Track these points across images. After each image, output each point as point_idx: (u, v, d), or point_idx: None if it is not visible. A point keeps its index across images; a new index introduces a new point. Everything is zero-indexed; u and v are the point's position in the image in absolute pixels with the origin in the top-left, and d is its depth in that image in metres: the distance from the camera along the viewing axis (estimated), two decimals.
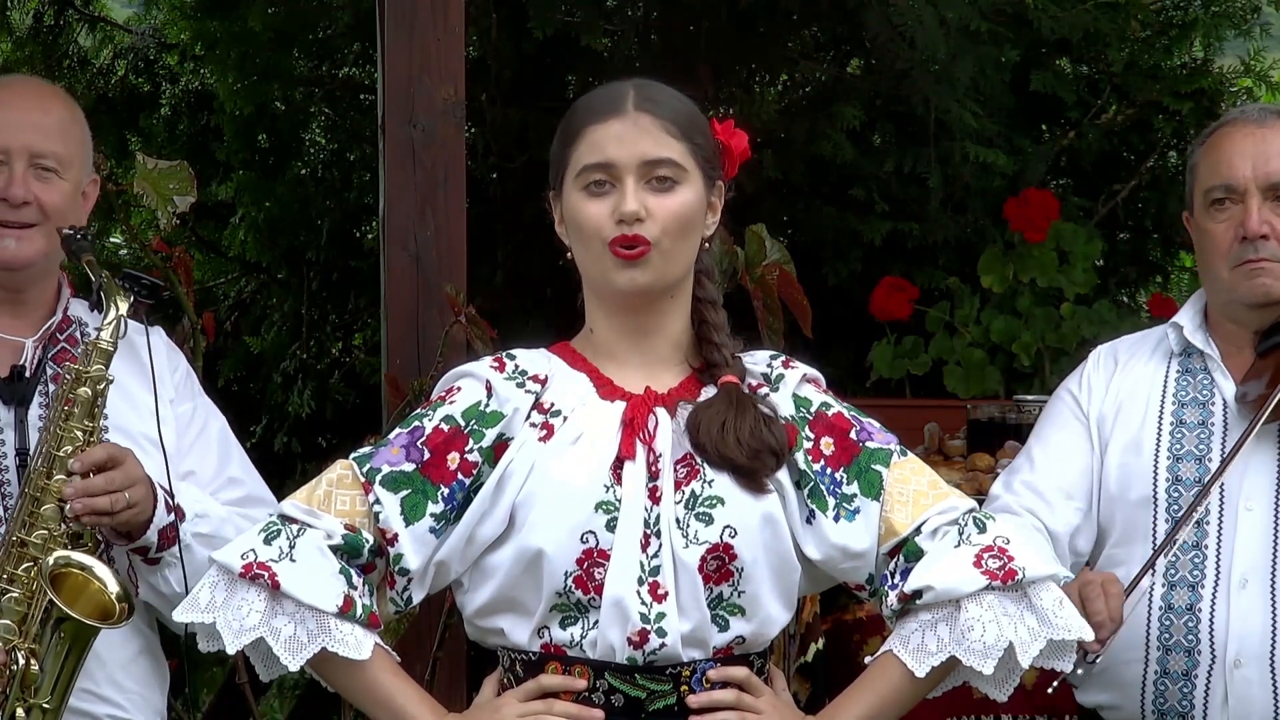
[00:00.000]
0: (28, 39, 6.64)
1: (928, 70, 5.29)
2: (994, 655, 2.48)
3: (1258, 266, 3.08)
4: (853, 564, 2.57)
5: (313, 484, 2.59)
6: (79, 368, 2.79)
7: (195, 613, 2.52)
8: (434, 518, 2.53)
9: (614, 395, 2.58)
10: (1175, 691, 3.06)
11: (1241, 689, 3.02)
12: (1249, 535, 3.05)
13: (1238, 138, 3.13)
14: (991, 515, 2.60)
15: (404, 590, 2.56)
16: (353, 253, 6.31)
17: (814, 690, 3.70)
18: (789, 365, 2.64)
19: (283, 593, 2.49)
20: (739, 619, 2.52)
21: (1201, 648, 3.04)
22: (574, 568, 2.49)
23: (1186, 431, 3.12)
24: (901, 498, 2.57)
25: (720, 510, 2.51)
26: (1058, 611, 2.52)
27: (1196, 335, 3.17)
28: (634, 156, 2.52)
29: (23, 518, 2.75)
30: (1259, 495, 3.06)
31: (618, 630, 2.48)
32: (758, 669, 2.57)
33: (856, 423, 2.61)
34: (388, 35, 3.61)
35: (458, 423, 2.56)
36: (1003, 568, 2.50)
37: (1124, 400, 3.19)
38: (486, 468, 2.55)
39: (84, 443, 2.77)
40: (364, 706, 2.58)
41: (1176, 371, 3.18)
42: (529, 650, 2.54)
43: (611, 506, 2.50)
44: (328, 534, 2.53)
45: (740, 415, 2.53)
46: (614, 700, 2.50)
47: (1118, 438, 3.17)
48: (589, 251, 2.55)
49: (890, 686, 2.55)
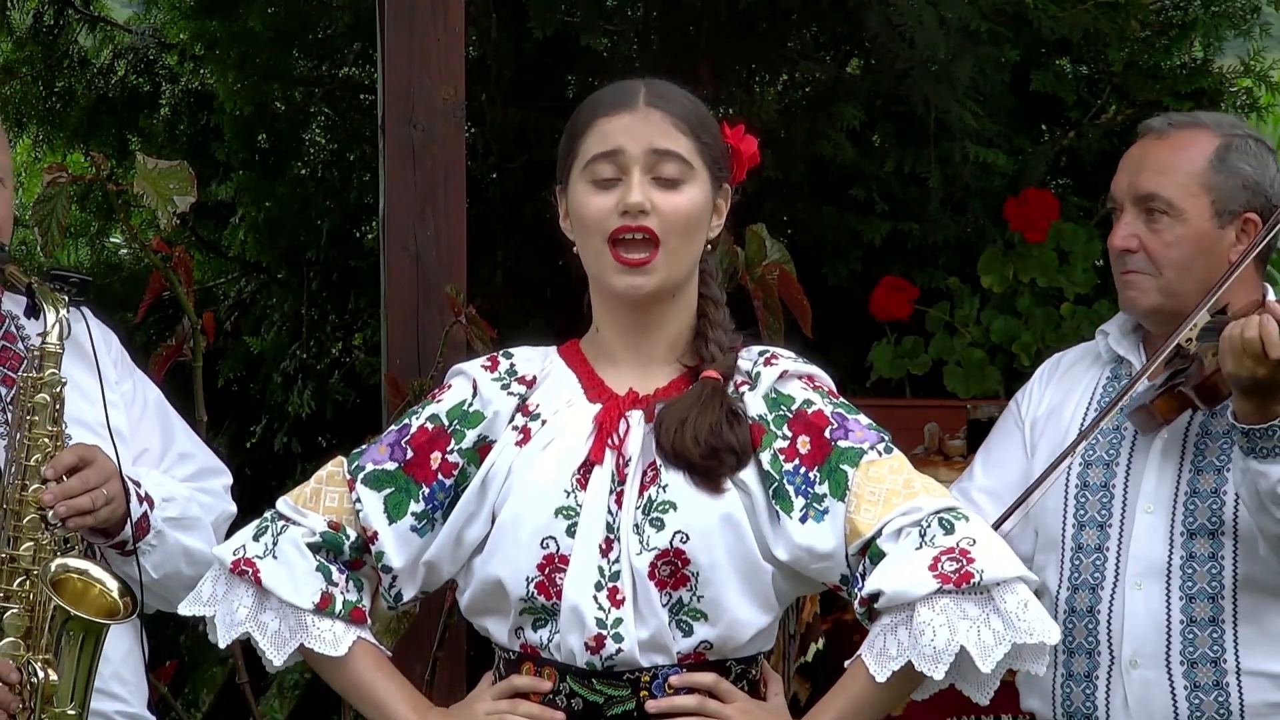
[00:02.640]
0: (28, 39, 6.63)
1: (928, 70, 5.28)
2: (945, 660, 2.43)
3: (1125, 278, 3.12)
4: (822, 565, 2.53)
5: (307, 481, 2.62)
6: (33, 375, 2.79)
7: (198, 606, 2.58)
8: (415, 516, 2.55)
9: (598, 397, 2.57)
10: (1079, 694, 3.08)
11: (1140, 689, 3.02)
12: (1146, 537, 3.05)
13: (1134, 149, 3.17)
14: (964, 515, 2.54)
15: (391, 587, 2.58)
16: (353, 253, 6.30)
17: (814, 690, 3.69)
18: (770, 362, 2.60)
19: (264, 588, 2.53)
20: (702, 624, 2.50)
21: (1100, 649, 3.05)
22: (535, 573, 2.49)
23: (1100, 438, 3.13)
24: (872, 497, 2.51)
25: (671, 515, 2.49)
26: (1022, 615, 2.45)
27: (1122, 343, 3.19)
28: (642, 146, 2.51)
29: (6, 533, 2.75)
30: (1158, 498, 3.06)
31: (576, 635, 2.49)
32: (738, 674, 2.55)
33: (836, 420, 2.56)
34: (388, 35, 3.62)
35: (442, 422, 2.58)
36: (959, 570, 2.45)
37: (1055, 407, 3.21)
38: (471, 468, 2.56)
39: (51, 448, 2.77)
40: (350, 700, 2.62)
41: (1106, 378, 3.20)
42: (509, 649, 2.56)
43: (572, 512, 2.50)
44: (309, 531, 2.56)
45: (703, 412, 2.51)
46: (574, 704, 2.51)
47: (1043, 445, 3.19)
48: (590, 247, 2.55)
49: (859, 692, 2.51)
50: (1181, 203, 3.07)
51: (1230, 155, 3.09)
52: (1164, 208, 3.08)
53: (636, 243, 2.51)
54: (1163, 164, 3.10)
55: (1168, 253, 3.08)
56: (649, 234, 2.50)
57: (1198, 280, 3.06)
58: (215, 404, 3.39)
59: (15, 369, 2.92)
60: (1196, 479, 3.05)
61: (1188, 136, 3.12)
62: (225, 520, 3.01)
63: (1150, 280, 3.10)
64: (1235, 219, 3.08)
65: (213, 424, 4.28)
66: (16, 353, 2.92)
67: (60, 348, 2.80)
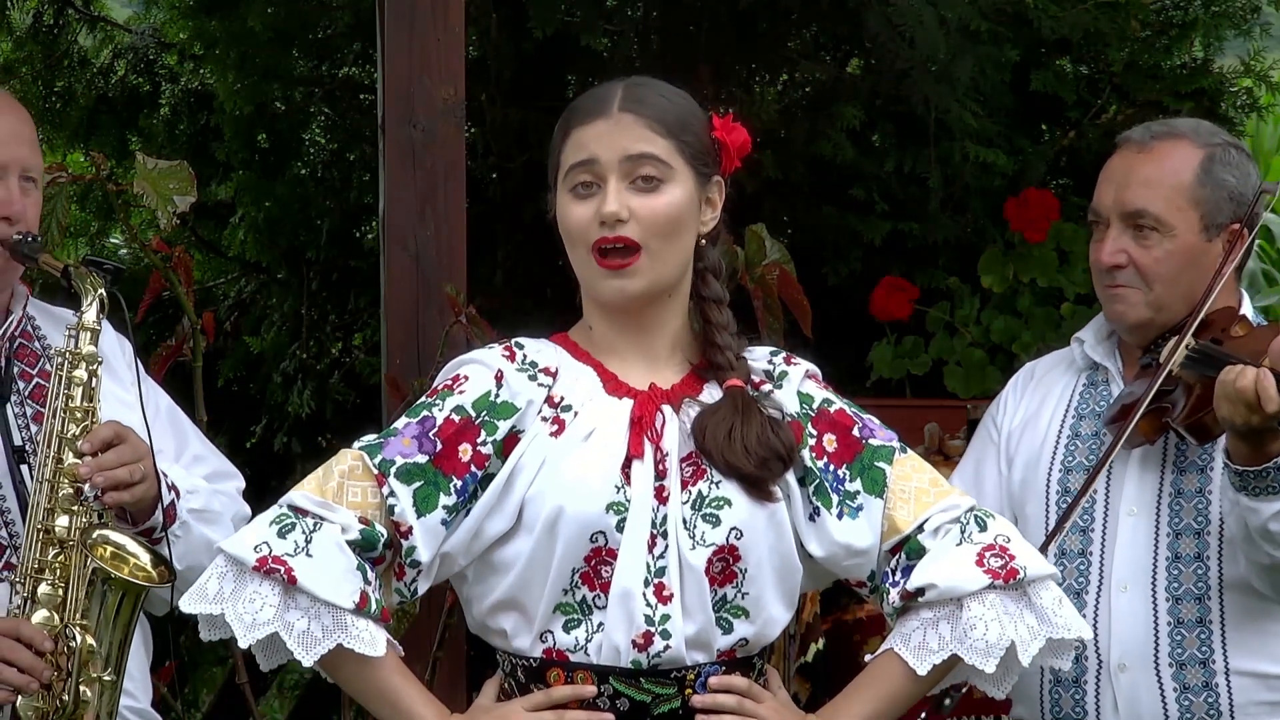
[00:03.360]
0: (27, 38, 6.63)
1: (928, 70, 5.28)
2: (996, 654, 2.48)
3: (1113, 292, 3.10)
4: (855, 561, 2.56)
5: (321, 474, 2.53)
6: (70, 349, 2.83)
7: (204, 603, 2.47)
8: (446, 510, 2.50)
9: (620, 391, 2.56)
10: (1068, 699, 3.08)
11: (1129, 692, 3.03)
12: (1130, 540, 3.06)
13: (1116, 161, 3.14)
14: (991, 514, 2.60)
15: (412, 582, 2.53)
16: (353, 253, 6.30)
17: (814, 690, 3.70)
18: (791, 361, 2.63)
19: (299, 588, 2.45)
20: (743, 621, 2.51)
21: (1088, 653, 3.05)
22: (582, 564, 2.48)
23: (1080, 444, 3.14)
24: (904, 495, 2.56)
25: (728, 511, 2.50)
26: (1057, 610, 2.52)
27: (1097, 350, 3.19)
28: (615, 153, 2.51)
29: (43, 506, 2.77)
30: (1141, 501, 3.06)
31: (623, 632, 2.47)
32: (759, 670, 2.57)
33: (858, 419, 2.61)
34: (388, 35, 3.62)
35: (469, 413, 2.53)
36: (1004, 566, 2.51)
37: (1031, 417, 3.22)
38: (496, 461, 2.52)
39: (88, 423, 2.80)
40: (370, 703, 2.56)
41: (1083, 385, 3.20)
42: (530, 656, 2.52)
43: (622, 507, 2.49)
44: (344, 528, 2.49)
45: (747, 422, 2.51)
46: (619, 705, 2.49)
47: (1021, 454, 3.20)
48: (577, 256, 2.55)
49: (891, 684, 2.55)
50: (1170, 218, 3.06)
51: (1214, 167, 3.08)
52: (1153, 224, 3.07)
53: (618, 250, 2.51)
54: (1148, 178, 3.08)
55: (1157, 268, 3.07)
56: (628, 243, 2.50)
57: (1184, 292, 3.07)
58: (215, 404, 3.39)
59: (33, 365, 2.96)
60: (1180, 479, 3.06)
61: (1169, 148, 3.10)
62: (241, 521, 3.02)
63: (1139, 294, 3.09)
64: (1222, 231, 3.08)
65: (213, 424, 4.27)
66: (34, 350, 2.97)
67: (98, 324, 2.84)
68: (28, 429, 2.90)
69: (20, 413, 2.91)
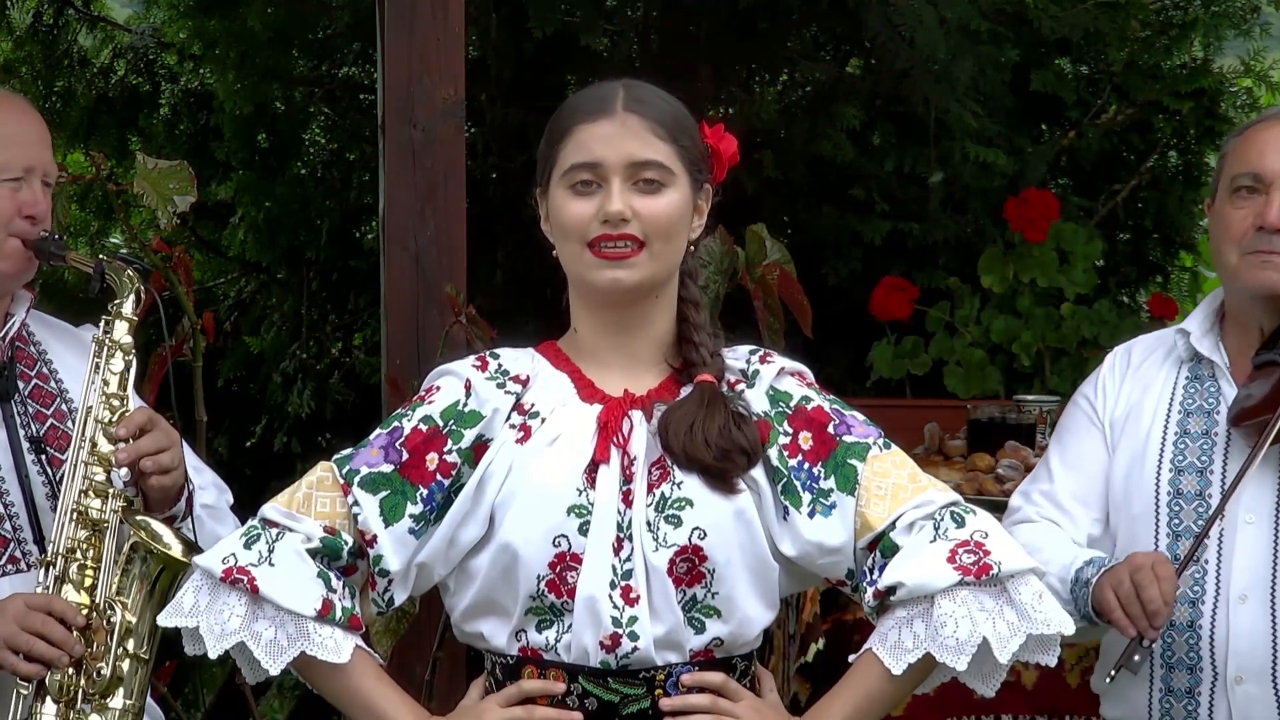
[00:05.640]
0: (27, 38, 6.64)
1: (928, 70, 5.29)
2: (967, 651, 2.45)
3: (1267, 258, 3.03)
4: (830, 560, 2.54)
5: (294, 487, 2.59)
6: (106, 337, 2.87)
7: (180, 617, 2.52)
8: (413, 519, 2.53)
9: (593, 397, 2.57)
10: (1180, 709, 3.02)
11: (1244, 705, 2.97)
12: (1249, 549, 3.00)
13: (1277, 131, 3.09)
14: (972, 509, 2.56)
15: (385, 591, 2.56)
16: (353, 253, 6.31)
17: (814, 690, 3.69)
18: (766, 360, 2.62)
19: (262, 597, 2.49)
20: (715, 620, 2.51)
21: (1203, 664, 2.99)
22: (546, 571, 2.49)
23: (1190, 443, 3.07)
24: (879, 492, 2.54)
25: (689, 512, 2.50)
26: (1037, 606, 2.48)
27: (1203, 342, 3.12)
28: (621, 157, 2.52)
29: (77, 485, 2.79)
30: (1259, 508, 3.00)
31: (590, 634, 2.48)
32: (741, 671, 2.56)
33: (836, 416, 2.59)
34: (388, 35, 3.61)
35: (436, 423, 2.56)
36: (977, 562, 2.47)
37: (1134, 406, 3.14)
38: (466, 469, 2.55)
39: (123, 411, 2.83)
40: (345, 709, 2.58)
41: (1186, 378, 3.13)
42: (507, 654, 2.54)
43: (584, 510, 2.50)
44: (306, 537, 2.53)
45: (710, 415, 2.52)
46: (588, 704, 2.50)
47: (1125, 446, 3.12)
48: (570, 250, 2.55)
49: (870, 684, 2.52)
50: None
51: None
52: None
53: (619, 245, 2.52)
54: None
55: None
56: (631, 239, 2.51)
57: None
58: (215, 404, 3.39)
59: (31, 367, 2.98)
60: None
61: None
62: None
63: None
64: None
65: (213, 424, 4.28)
66: (30, 355, 2.98)
67: (135, 316, 2.88)
68: (29, 426, 2.91)
69: (23, 410, 2.92)
